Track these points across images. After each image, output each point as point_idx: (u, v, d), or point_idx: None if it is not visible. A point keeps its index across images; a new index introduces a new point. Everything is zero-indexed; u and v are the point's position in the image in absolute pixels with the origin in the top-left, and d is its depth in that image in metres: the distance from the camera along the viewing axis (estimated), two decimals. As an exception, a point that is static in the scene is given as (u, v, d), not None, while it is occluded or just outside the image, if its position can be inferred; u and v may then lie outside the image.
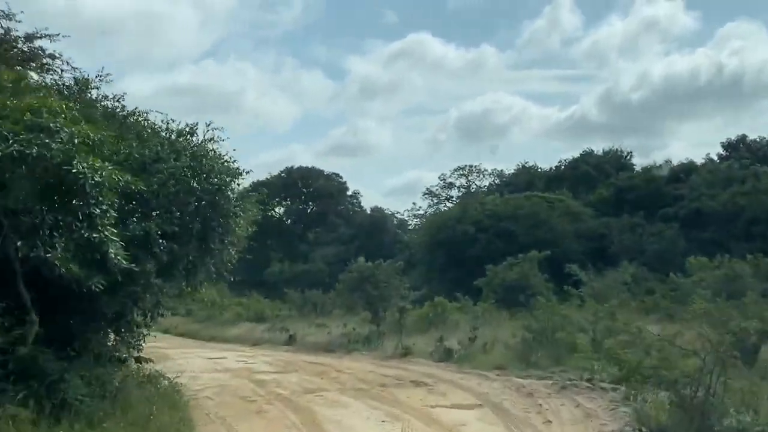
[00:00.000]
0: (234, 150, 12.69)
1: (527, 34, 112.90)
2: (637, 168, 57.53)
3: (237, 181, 12.40)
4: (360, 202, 69.89)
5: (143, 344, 12.97)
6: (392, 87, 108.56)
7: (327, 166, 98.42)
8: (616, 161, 60.37)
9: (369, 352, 23.13)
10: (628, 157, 61.63)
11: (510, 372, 17.51)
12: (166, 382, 13.20)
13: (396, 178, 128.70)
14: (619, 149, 61.73)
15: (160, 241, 10.95)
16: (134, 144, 11.57)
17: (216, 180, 11.85)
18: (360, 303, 27.70)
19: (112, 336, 12.37)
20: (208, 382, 16.75)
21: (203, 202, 11.66)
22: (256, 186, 16.25)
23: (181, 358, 22.87)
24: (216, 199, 11.81)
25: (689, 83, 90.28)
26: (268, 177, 66.44)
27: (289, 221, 68.54)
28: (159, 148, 11.79)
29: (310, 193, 67.78)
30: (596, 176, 57.63)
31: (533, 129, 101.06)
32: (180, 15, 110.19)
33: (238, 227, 12.26)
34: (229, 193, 12.01)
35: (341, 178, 69.42)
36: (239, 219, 12.22)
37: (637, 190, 51.06)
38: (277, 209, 68.10)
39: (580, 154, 62.09)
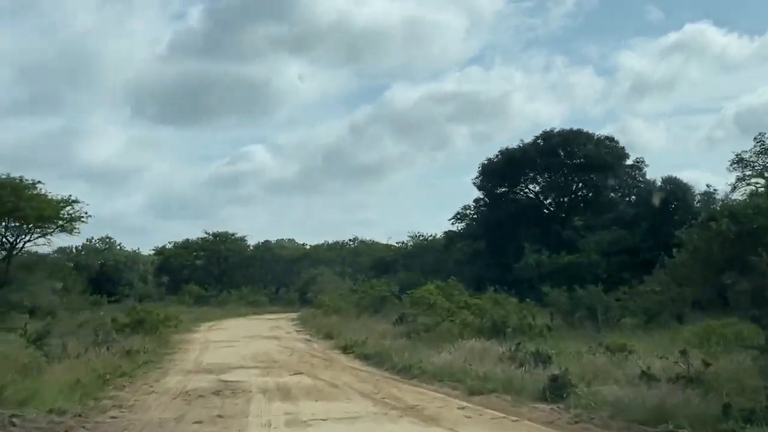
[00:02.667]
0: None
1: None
2: None
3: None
4: (644, 173, 51.40)
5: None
6: (665, 82, 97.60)
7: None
8: None
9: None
10: None
11: None
12: None
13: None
14: None
15: None
16: None
17: None
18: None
19: None
20: None
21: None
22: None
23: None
24: None
25: None
26: (520, 144, 51.33)
27: (548, 201, 52.49)
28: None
29: (576, 164, 51.02)
30: None
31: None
32: (446, 22, 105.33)
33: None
34: None
35: (617, 143, 51.76)
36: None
37: None
38: (530, 186, 52.54)
39: None
